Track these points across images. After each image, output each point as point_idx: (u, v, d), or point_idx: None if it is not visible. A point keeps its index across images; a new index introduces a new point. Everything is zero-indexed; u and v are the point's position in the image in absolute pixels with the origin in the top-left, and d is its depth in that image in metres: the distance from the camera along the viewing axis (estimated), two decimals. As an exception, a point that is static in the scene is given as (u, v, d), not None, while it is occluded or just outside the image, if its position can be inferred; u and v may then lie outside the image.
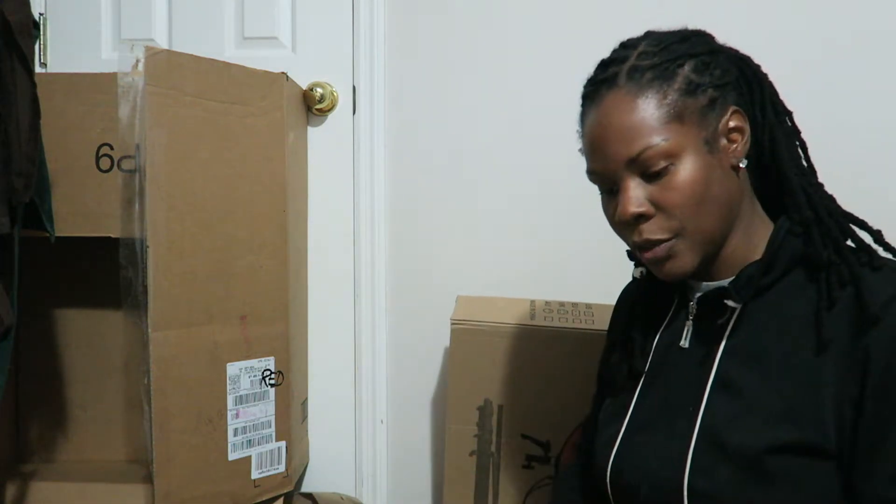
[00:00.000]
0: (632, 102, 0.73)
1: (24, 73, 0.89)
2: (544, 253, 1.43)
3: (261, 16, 1.47)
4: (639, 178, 0.74)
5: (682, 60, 0.74)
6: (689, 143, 0.72)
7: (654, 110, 0.72)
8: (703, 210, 0.73)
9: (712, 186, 0.73)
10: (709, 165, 0.73)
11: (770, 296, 0.75)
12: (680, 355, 0.81)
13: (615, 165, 0.74)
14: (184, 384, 1.09)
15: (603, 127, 0.75)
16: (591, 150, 0.77)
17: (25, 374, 1.29)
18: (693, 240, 0.74)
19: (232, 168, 1.14)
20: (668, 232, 0.74)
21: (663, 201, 0.73)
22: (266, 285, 1.19)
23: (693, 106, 0.73)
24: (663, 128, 0.72)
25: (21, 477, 1.18)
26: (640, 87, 0.73)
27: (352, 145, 1.47)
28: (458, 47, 1.44)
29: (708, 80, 0.74)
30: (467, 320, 1.23)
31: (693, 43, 0.76)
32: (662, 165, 0.72)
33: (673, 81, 0.73)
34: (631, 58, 0.75)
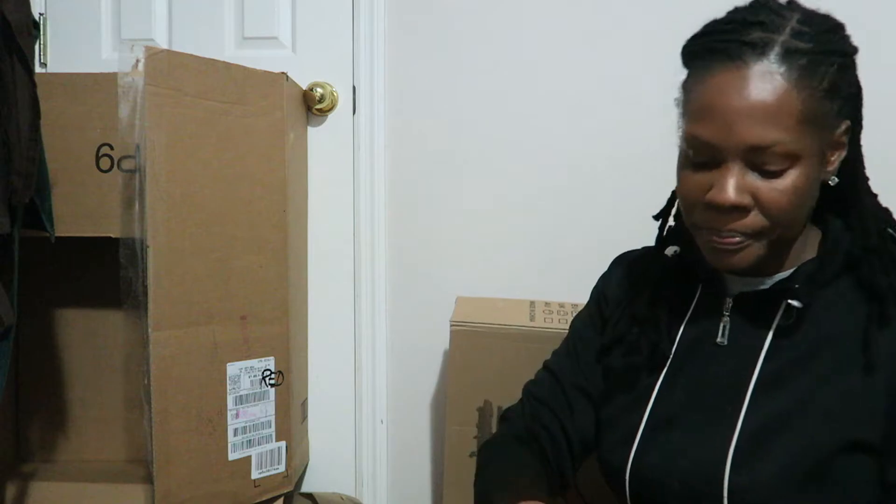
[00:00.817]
0: (780, 86, 0.66)
1: (24, 73, 0.89)
2: (544, 253, 1.43)
3: (261, 16, 1.47)
4: (748, 168, 0.69)
5: (835, 58, 0.68)
6: (810, 150, 0.69)
7: (798, 104, 0.67)
8: (795, 217, 0.71)
9: (809, 197, 0.71)
10: (812, 176, 0.70)
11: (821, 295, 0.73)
12: (715, 351, 0.77)
13: (735, 145, 0.68)
14: (184, 384, 1.09)
15: (739, 98, 0.67)
16: (711, 115, 0.69)
17: (25, 374, 1.28)
18: (769, 242, 0.72)
19: (232, 168, 1.14)
20: (755, 228, 0.70)
21: (766, 200, 0.69)
22: (266, 285, 1.19)
23: (827, 111, 0.69)
24: (798, 127, 0.67)
25: (21, 477, 1.18)
26: (791, 73, 0.66)
27: (352, 145, 1.47)
28: (458, 47, 1.44)
29: (845, 87, 0.70)
30: (467, 322, 1.23)
31: (843, 39, 0.71)
32: (781, 166, 0.68)
33: (822, 79, 0.67)
34: (785, 30, 0.68)
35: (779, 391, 0.71)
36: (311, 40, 1.47)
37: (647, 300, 0.85)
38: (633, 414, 0.80)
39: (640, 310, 0.85)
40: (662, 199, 0.92)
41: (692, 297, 0.82)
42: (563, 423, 0.89)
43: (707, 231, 0.73)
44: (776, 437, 0.69)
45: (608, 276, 0.95)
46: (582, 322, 0.96)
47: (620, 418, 0.82)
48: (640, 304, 0.85)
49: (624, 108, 1.38)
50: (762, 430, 0.70)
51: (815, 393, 0.70)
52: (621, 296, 0.90)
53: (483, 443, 0.98)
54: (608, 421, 0.85)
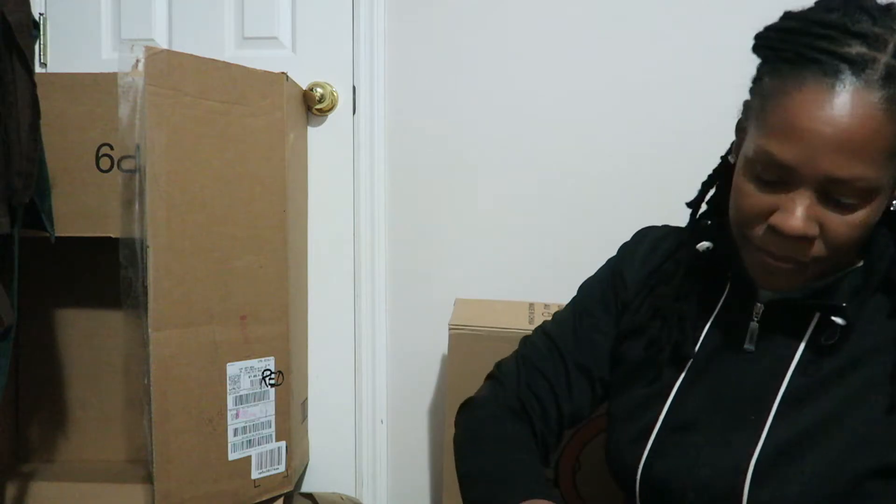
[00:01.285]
0: (877, 115, 0.60)
1: (24, 73, 0.89)
2: (544, 255, 1.43)
3: (261, 16, 1.47)
4: (820, 195, 0.63)
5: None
6: (886, 187, 0.63)
7: (890, 138, 0.60)
8: (853, 246, 0.67)
9: (871, 227, 0.66)
10: (880, 209, 0.65)
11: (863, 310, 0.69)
12: (741, 357, 0.74)
13: (815, 173, 0.62)
14: (184, 384, 1.09)
15: (829, 124, 0.60)
16: (794, 136, 0.62)
17: (25, 374, 1.28)
18: (819, 265, 0.67)
19: (232, 168, 1.14)
20: (812, 255, 0.66)
21: (833, 233, 0.64)
22: (266, 285, 1.19)
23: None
24: (885, 162, 0.61)
25: (21, 477, 1.18)
26: (891, 100, 0.60)
27: (352, 145, 1.47)
28: (458, 47, 1.44)
29: None
30: (466, 325, 1.23)
31: None
32: (856, 200, 0.63)
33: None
34: (888, 48, 0.60)
35: (808, 406, 0.68)
36: (311, 40, 1.47)
37: (673, 293, 0.80)
38: (648, 411, 0.77)
39: (666, 303, 0.80)
40: (664, 199, 0.92)
41: (720, 295, 0.79)
42: (559, 400, 0.86)
43: (760, 251, 0.68)
44: (802, 455, 0.66)
45: (630, 255, 0.89)
46: (592, 298, 0.90)
47: (635, 414, 0.79)
48: (665, 297, 0.81)
49: (626, 108, 1.38)
50: (788, 444, 0.67)
51: (847, 412, 0.66)
52: (643, 280, 0.85)
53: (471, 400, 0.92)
54: (621, 415, 0.81)
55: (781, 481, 0.66)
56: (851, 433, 0.66)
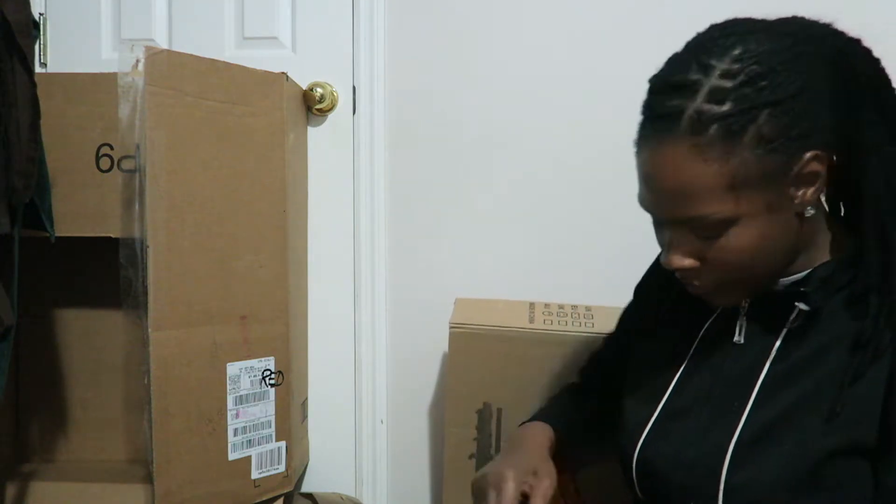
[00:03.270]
0: (690, 162, 0.65)
1: (24, 73, 0.89)
2: (544, 255, 1.43)
3: (261, 16, 1.47)
4: (688, 232, 0.69)
5: (757, 112, 0.64)
6: (748, 211, 0.66)
7: (712, 176, 0.64)
8: (754, 266, 0.70)
9: (768, 245, 0.69)
10: (767, 226, 0.67)
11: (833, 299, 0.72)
12: (731, 350, 0.78)
13: (663, 216, 0.71)
14: (184, 384, 1.09)
15: (655, 177, 0.68)
16: (643, 187, 0.71)
17: (25, 374, 1.28)
18: (743, 284, 0.73)
19: (232, 168, 1.14)
20: (713, 282, 0.72)
21: (712, 261, 0.69)
22: (266, 285, 1.19)
23: (758, 169, 0.65)
24: (720, 197, 0.65)
25: (21, 477, 1.18)
26: (702, 145, 0.64)
27: (352, 145, 1.47)
28: (459, 47, 1.44)
29: (783, 133, 0.64)
30: (466, 324, 1.23)
31: (779, 78, 0.64)
32: (716, 231, 0.67)
33: (740, 141, 0.64)
34: (700, 93, 0.65)
35: (784, 391, 0.71)
36: (311, 40, 1.47)
37: (673, 299, 0.85)
38: (649, 405, 0.81)
39: (665, 308, 0.87)
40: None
41: None
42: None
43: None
44: (776, 437, 0.70)
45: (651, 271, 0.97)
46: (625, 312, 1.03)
47: (637, 407, 0.83)
48: (665, 303, 0.87)
49: (626, 109, 1.37)
50: (764, 428, 0.71)
51: (818, 395, 0.69)
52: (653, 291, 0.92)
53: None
54: (626, 409, 0.86)
55: (756, 464, 0.70)
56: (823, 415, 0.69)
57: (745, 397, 0.73)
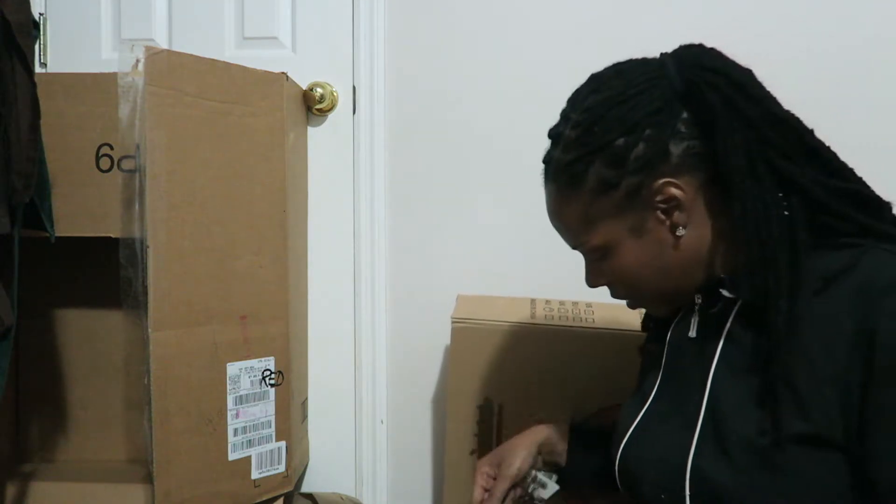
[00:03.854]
0: (559, 202, 0.80)
1: (24, 73, 0.89)
2: (545, 251, 1.42)
3: (261, 16, 1.47)
4: (588, 258, 0.82)
5: (593, 157, 0.75)
6: (613, 237, 0.77)
7: (573, 213, 0.78)
8: (650, 283, 0.79)
9: (651, 264, 0.77)
10: (641, 248, 0.77)
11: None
12: (689, 345, 0.81)
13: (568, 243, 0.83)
14: (184, 384, 1.09)
15: (549, 212, 0.83)
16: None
17: (25, 374, 1.28)
18: (659, 300, 0.82)
19: (232, 168, 1.14)
20: (631, 296, 0.83)
21: (614, 278, 0.81)
22: (266, 285, 1.19)
23: (606, 205, 0.76)
24: (584, 228, 0.78)
25: (21, 477, 1.18)
26: (561, 189, 0.78)
27: (352, 145, 1.47)
28: (459, 47, 1.44)
29: (621, 172, 0.74)
30: (468, 319, 1.23)
31: (611, 121, 0.74)
32: (599, 255, 0.79)
33: (583, 185, 0.76)
34: (559, 145, 0.78)
35: (734, 379, 0.74)
36: (311, 40, 1.47)
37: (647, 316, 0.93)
38: (635, 411, 0.85)
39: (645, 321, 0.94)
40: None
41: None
42: None
43: None
44: (730, 430, 0.71)
45: None
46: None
47: (627, 414, 0.87)
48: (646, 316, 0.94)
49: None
50: (722, 418, 0.73)
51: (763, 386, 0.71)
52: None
53: None
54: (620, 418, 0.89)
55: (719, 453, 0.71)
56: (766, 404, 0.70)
57: (701, 391, 0.76)
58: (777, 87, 0.76)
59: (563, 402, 1.19)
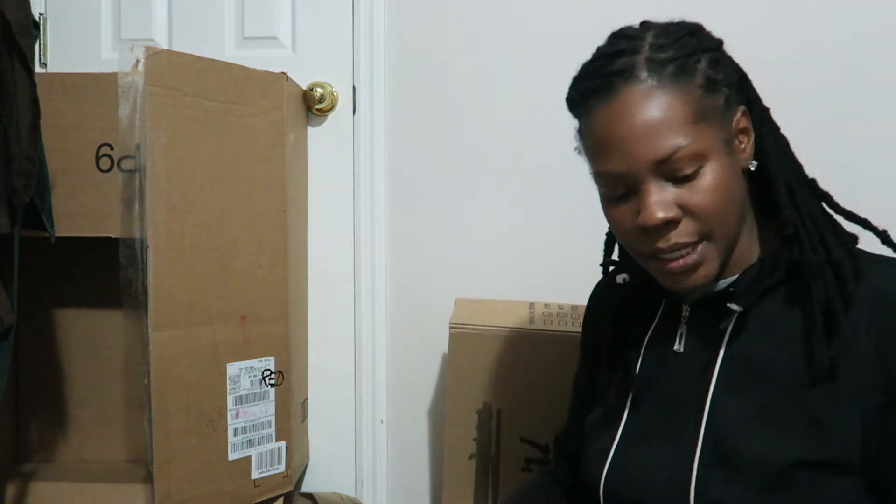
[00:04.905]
0: (658, 98, 0.68)
1: (24, 73, 0.89)
2: (544, 255, 1.43)
3: (261, 16, 1.47)
4: (664, 181, 0.69)
5: (699, 56, 0.70)
6: (715, 144, 0.69)
7: (681, 108, 0.68)
8: (729, 213, 0.70)
9: (734, 189, 0.71)
10: (730, 167, 0.70)
11: (771, 300, 0.73)
12: (676, 360, 0.78)
13: (640, 166, 0.69)
14: (184, 384, 1.09)
15: (625, 124, 0.68)
16: (608, 149, 0.70)
17: (25, 374, 1.29)
18: (719, 244, 0.71)
19: (232, 168, 1.14)
20: (697, 235, 0.70)
21: (693, 205, 0.69)
22: (266, 285, 1.19)
23: (714, 104, 0.70)
24: (691, 127, 0.68)
25: (21, 477, 1.18)
26: (664, 82, 0.68)
27: (352, 145, 1.47)
28: (458, 47, 1.44)
29: (723, 78, 0.71)
30: (466, 324, 1.23)
31: (702, 37, 0.73)
32: (691, 169, 0.68)
33: (694, 77, 0.69)
34: (644, 49, 0.70)
35: (737, 398, 0.71)
36: (311, 40, 1.47)
37: (608, 326, 0.87)
38: (609, 430, 0.81)
39: (602, 337, 0.88)
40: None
41: (656, 311, 0.83)
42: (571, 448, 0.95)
43: (655, 259, 0.73)
44: (737, 451, 0.69)
45: (586, 311, 0.98)
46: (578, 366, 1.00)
47: (599, 432, 0.83)
48: (601, 333, 0.88)
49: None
50: (725, 440, 0.70)
51: (772, 404, 0.69)
52: (591, 325, 0.95)
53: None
54: (588, 434, 0.86)
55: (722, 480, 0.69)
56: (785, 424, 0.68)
57: (699, 411, 0.72)
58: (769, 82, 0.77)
59: (562, 407, 1.19)
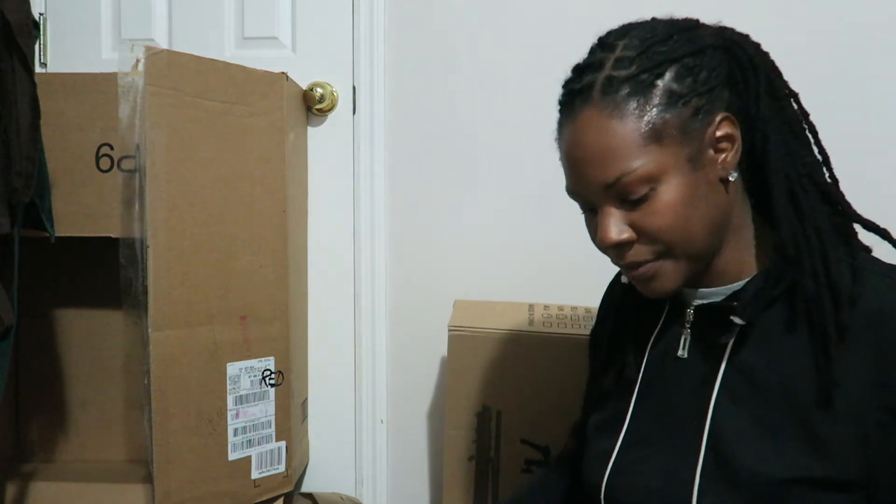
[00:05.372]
0: (606, 122, 0.68)
1: (24, 73, 0.89)
2: (544, 256, 1.43)
3: (261, 16, 1.47)
4: (618, 203, 0.70)
5: (663, 68, 0.68)
6: (671, 164, 0.68)
7: (630, 131, 0.67)
8: (688, 231, 0.69)
9: (698, 205, 0.69)
10: (693, 184, 0.68)
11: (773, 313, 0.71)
12: (677, 365, 0.77)
13: (592, 189, 0.70)
14: (184, 384, 1.09)
15: (577, 147, 0.70)
16: (567, 169, 0.73)
17: (25, 374, 1.29)
18: (679, 260, 0.71)
19: (232, 168, 1.14)
20: (652, 254, 0.71)
21: (645, 227, 0.69)
22: (266, 285, 1.19)
23: (674, 121, 0.67)
24: (641, 150, 0.67)
25: (21, 477, 1.18)
26: (616, 105, 0.67)
27: (352, 145, 1.47)
28: (459, 47, 1.44)
29: (691, 88, 0.68)
30: (465, 327, 1.22)
31: (676, 43, 0.70)
32: (643, 191, 0.68)
33: (651, 95, 0.67)
34: (607, 65, 0.70)
35: (739, 410, 0.70)
36: (311, 40, 1.47)
37: (609, 328, 0.87)
38: (611, 435, 0.80)
39: (602, 338, 0.88)
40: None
41: (661, 314, 0.82)
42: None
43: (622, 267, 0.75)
44: (737, 462, 0.68)
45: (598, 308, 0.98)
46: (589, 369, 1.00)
47: (600, 437, 0.82)
48: (601, 333, 0.88)
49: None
50: (726, 450, 0.70)
51: (769, 418, 0.68)
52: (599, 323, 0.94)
53: None
54: (590, 438, 0.85)
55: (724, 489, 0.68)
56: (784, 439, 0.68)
57: (702, 418, 0.72)
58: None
59: (562, 408, 1.19)
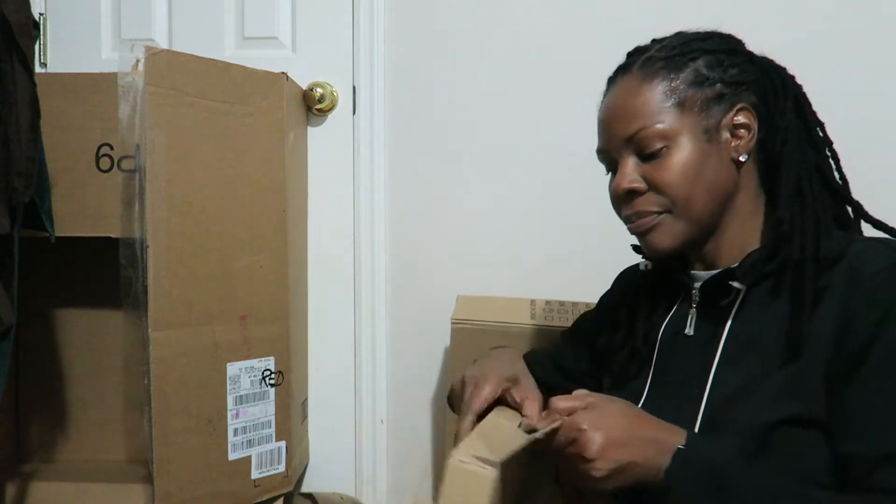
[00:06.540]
0: (638, 87, 0.79)
1: (24, 73, 0.89)
2: (545, 252, 1.43)
3: (261, 16, 1.47)
4: (636, 158, 0.80)
5: (697, 55, 0.79)
6: (687, 129, 0.77)
7: (657, 95, 0.78)
8: (693, 191, 0.78)
9: (706, 171, 0.78)
10: (704, 152, 0.78)
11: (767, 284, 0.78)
12: (685, 343, 0.83)
13: (615, 143, 0.81)
14: (184, 384, 1.09)
15: (609, 107, 0.82)
16: (599, 129, 0.84)
17: (25, 374, 1.29)
18: (680, 217, 0.79)
19: (232, 168, 1.14)
20: (657, 206, 0.79)
21: (655, 179, 0.78)
22: (266, 285, 1.19)
23: (698, 97, 0.78)
24: (663, 111, 0.77)
25: (21, 477, 1.18)
26: (649, 75, 0.79)
27: (352, 145, 1.47)
28: (458, 47, 1.44)
29: (718, 76, 0.78)
30: (468, 320, 1.23)
31: (715, 41, 0.81)
32: (658, 146, 0.77)
33: (681, 72, 0.78)
34: (651, 49, 0.81)
35: (735, 371, 0.76)
36: (311, 40, 1.47)
37: (626, 310, 0.92)
38: None
39: (620, 319, 0.93)
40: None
41: (676, 299, 0.88)
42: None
43: (627, 222, 0.83)
44: (735, 414, 0.74)
45: (610, 288, 1.04)
46: (583, 318, 1.07)
47: None
48: (619, 315, 0.94)
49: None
50: (723, 406, 0.75)
51: (762, 372, 0.74)
52: (611, 307, 0.98)
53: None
54: None
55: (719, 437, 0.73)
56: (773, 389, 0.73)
57: (704, 381, 0.78)
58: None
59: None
